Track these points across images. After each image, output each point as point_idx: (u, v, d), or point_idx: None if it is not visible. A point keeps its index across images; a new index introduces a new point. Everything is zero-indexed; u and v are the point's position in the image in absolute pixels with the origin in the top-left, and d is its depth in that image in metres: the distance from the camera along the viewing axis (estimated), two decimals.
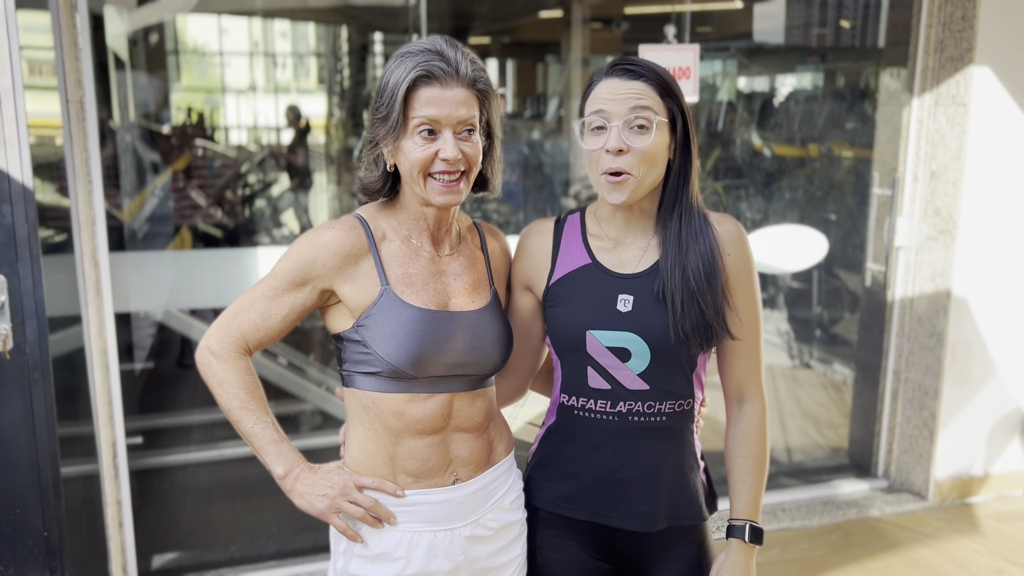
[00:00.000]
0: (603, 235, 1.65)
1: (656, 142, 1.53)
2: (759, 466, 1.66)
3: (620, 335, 1.58)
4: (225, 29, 7.17)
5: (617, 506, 1.63)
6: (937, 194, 3.58)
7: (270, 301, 1.53)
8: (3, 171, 2.07)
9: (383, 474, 1.55)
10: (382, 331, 1.50)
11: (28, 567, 2.22)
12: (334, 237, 1.51)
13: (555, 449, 1.69)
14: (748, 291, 1.63)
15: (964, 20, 3.39)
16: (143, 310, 3.73)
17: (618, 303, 1.59)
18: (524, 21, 6.76)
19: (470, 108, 1.49)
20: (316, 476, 1.54)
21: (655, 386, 1.59)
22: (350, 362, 1.55)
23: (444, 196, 1.49)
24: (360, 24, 6.48)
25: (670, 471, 1.64)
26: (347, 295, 1.52)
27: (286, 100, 7.59)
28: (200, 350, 1.56)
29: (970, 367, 3.65)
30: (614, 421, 1.61)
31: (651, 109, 1.52)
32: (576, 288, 1.63)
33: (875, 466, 3.95)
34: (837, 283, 4.42)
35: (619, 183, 1.53)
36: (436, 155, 1.47)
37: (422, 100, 1.46)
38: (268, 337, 1.54)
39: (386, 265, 1.53)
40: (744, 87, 5.18)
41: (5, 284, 2.11)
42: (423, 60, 1.46)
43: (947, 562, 3.29)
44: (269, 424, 1.54)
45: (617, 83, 1.53)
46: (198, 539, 3.40)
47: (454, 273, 1.60)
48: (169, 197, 4.37)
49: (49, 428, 2.19)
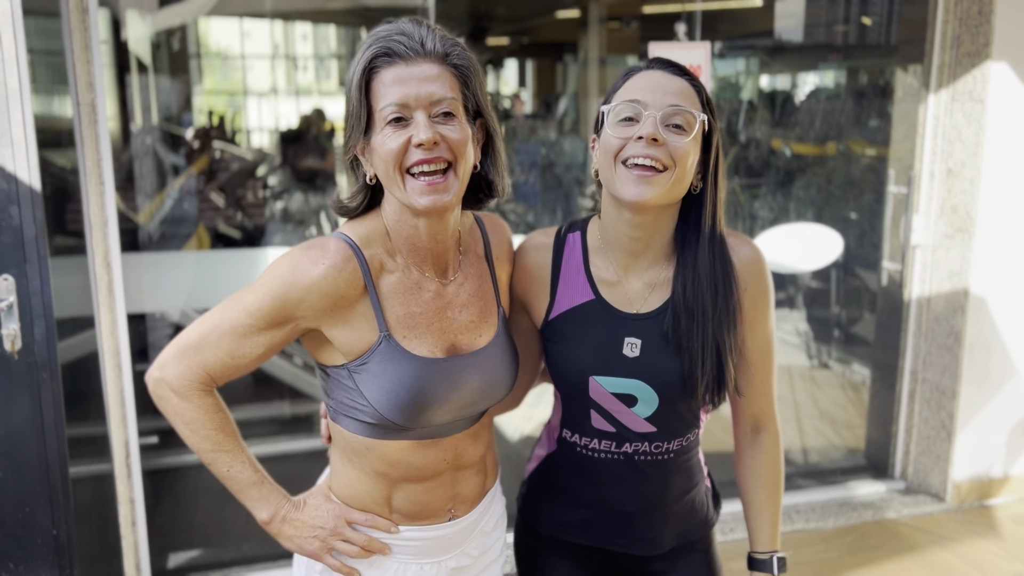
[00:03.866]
0: (607, 264, 1.48)
1: (691, 147, 1.36)
2: (777, 494, 1.59)
3: (626, 382, 1.44)
4: (247, 32, 7.23)
5: (624, 534, 1.56)
6: (954, 191, 3.53)
7: (241, 339, 1.30)
8: (11, 173, 2.09)
9: (378, 513, 1.42)
10: (380, 383, 1.30)
11: (38, 565, 2.24)
12: (324, 276, 1.26)
13: (556, 479, 1.60)
14: (765, 326, 1.51)
15: (980, 15, 3.34)
16: (158, 311, 3.76)
17: (624, 347, 1.44)
18: (541, 21, 6.76)
19: (444, 85, 1.25)
20: (303, 515, 1.40)
21: (663, 428, 1.48)
22: (337, 401, 1.37)
23: (428, 196, 1.24)
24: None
25: (675, 497, 1.57)
26: (338, 338, 1.31)
27: (308, 102, 7.64)
28: (155, 381, 1.34)
29: (989, 367, 3.60)
30: (619, 460, 1.51)
31: (691, 113, 1.36)
32: (578, 327, 1.47)
33: (892, 467, 3.90)
34: (854, 282, 4.37)
35: (650, 177, 1.33)
36: (409, 143, 1.24)
37: (385, 83, 1.24)
38: (237, 374, 1.34)
39: (385, 304, 1.31)
40: (764, 85, 5.14)
41: (14, 285, 2.13)
42: (377, 39, 1.26)
43: (965, 565, 3.24)
44: (247, 464, 1.38)
45: (659, 76, 1.38)
46: (211, 538, 3.42)
47: (460, 305, 1.39)
48: (185, 198, 4.41)
49: (57, 428, 2.21)
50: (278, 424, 4.06)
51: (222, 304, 1.32)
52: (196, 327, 1.33)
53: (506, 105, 7.42)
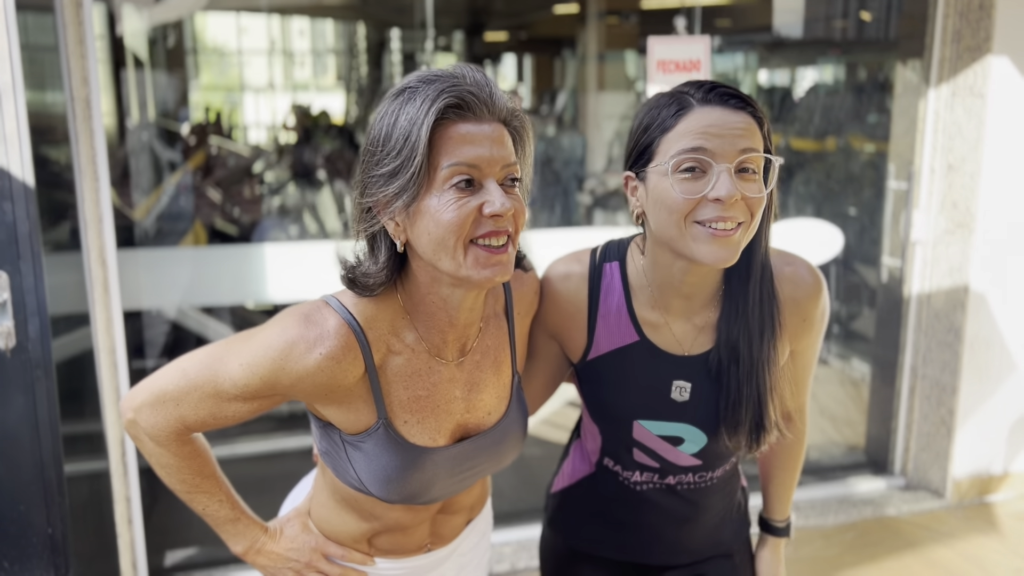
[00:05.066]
0: (651, 304, 1.36)
1: (763, 191, 1.23)
2: (796, 472, 1.65)
3: (674, 426, 1.37)
4: (244, 28, 7.20)
5: (659, 550, 1.55)
6: (954, 187, 3.52)
7: (224, 403, 1.20)
8: (3, 169, 2.07)
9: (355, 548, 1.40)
10: (373, 465, 1.22)
11: (33, 564, 2.22)
12: (319, 367, 1.14)
13: (592, 497, 1.55)
14: (814, 348, 1.44)
15: (981, 9, 3.32)
16: (154, 308, 3.74)
17: (673, 391, 1.35)
18: (540, 16, 6.74)
19: (511, 149, 1.13)
20: (279, 547, 1.39)
21: (708, 461, 1.43)
22: (328, 454, 1.29)
23: (492, 269, 1.10)
24: (376, 21, 6.49)
25: (715, 512, 1.55)
26: (333, 416, 1.23)
27: (305, 98, 7.61)
28: (130, 423, 1.26)
29: (989, 363, 3.59)
30: (661, 490, 1.47)
31: (758, 151, 1.22)
32: (621, 370, 1.37)
33: (892, 464, 3.89)
34: (854, 278, 4.36)
35: (728, 237, 1.20)
36: (479, 212, 1.09)
37: (454, 140, 1.07)
38: (216, 428, 1.26)
39: (386, 388, 1.20)
40: (763, 81, 5.12)
41: (7, 282, 2.11)
42: (448, 87, 1.07)
43: (965, 562, 3.23)
44: (224, 503, 1.35)
45: (723, 114, 1.21)
46: (208, 536, 3.39)
47: (474, 383, 1.28)
48: (181, 195, 4.39)
49: (52, 425, 2.19)
50: (275, 421, 4.05)
51: (206, 356, 1.22)
52: (176, 378, 1.22)
53: None
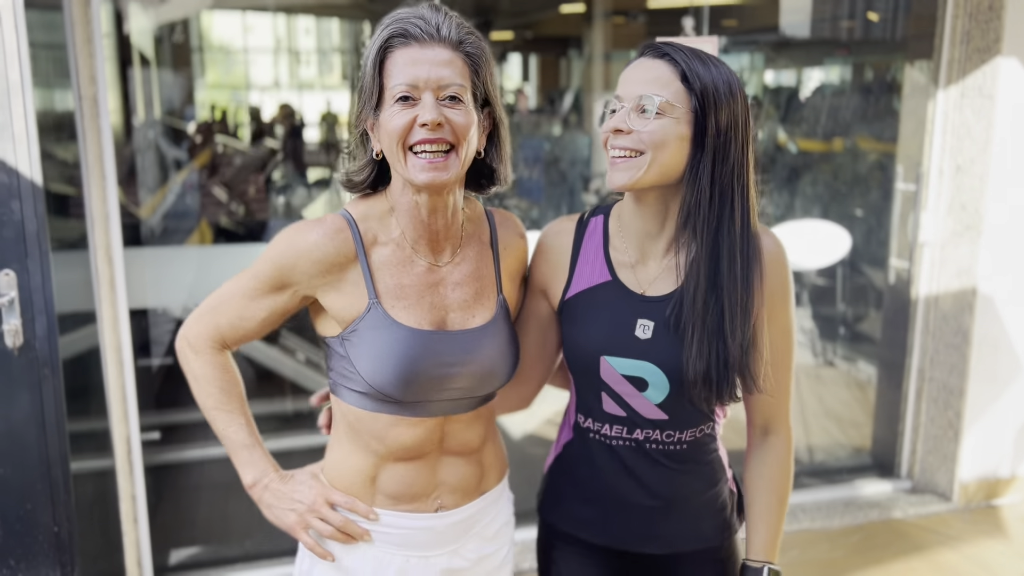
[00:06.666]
0: (627, 247, 1.48)
1: (657, 127, 1.33)
2: (782, 504, 1.53)
3: (637, 364, 1.43)
4: (250, 26, 7.20)
5: (636, 532, 1.54)
6: (963, 189, 3.50)
7: (249, 301, 1.42)
8: (12, 167, 2.07)
9: (361, 493, 1.45)
10: (367, 351, 1.36)
11: (39, 562, 2.22)
12: (316, 243, 1.36)
13: (572, 468, 1.59)
14: (783, 320, 1.47)
15: (991, 10, 3.31)
16: (160, 306, 3.74)
17: (637, 328, 1.43)
18: (546, 16, 6.73)
19: (454, 71, 1.30)
20: (286, 488, 1.45)
21: (674, 416, 1.46)
22: (335, 372, 1.44)
23: (427, 172, 1.29)
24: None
25: (692, 494, 1.54)
26: (331, 305, 1.39)
27: (311, 96, 7.61)
28: (178, 338, 1.48)
29: (996, 366, 3.57)
30: (630, 447, 1.50)
31: (662, 93, 1.33)
32: (593, 307, 1.47)
33: (898, 466, 3.87)
34: (861, 280, 4.34)
35: (619, 163, 1.36)
36: (414, 122, 1.28)
37: (398, 63, 1.29)
38: (246, 336, 1.45)
39: (375, 274, 1.38)
40: (770, 81, 5.11)
41: (15, 280, 2.11)
42: (396, 20, 1.31)
43: (972, 565, 3.22)
44: (243, 426, 1.47)
45: (639, 65, 1.38)
46: (214, 534, 3.41)
47: (454, 283, 1.43)
48: (187, 193, 4.39)
49: (59, 424, 2.19)
50: (280, 420, 4.04)
51: (239, 273, 1.45)
52: (215, 293, 1.46)
53: (510, 100, 7.39)
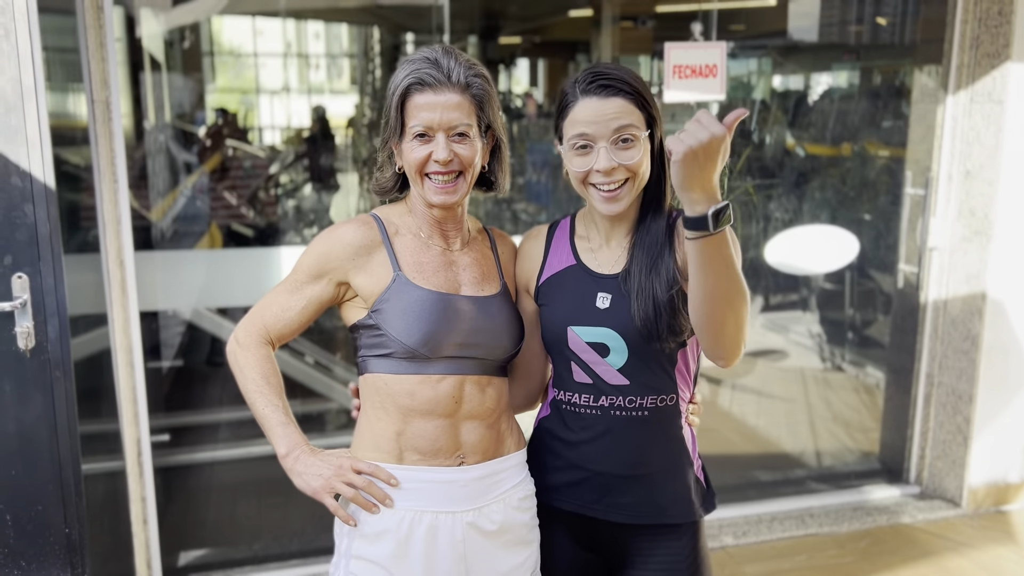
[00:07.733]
0: (590, 237, 1.72)
1: (642, 155, 1.57)
2: None
3: (598, 331, 1.63)
4: (260, 31, 7.22)
5: (601, 498, 1.68)
6: (972, 194, 3.50)
7: (290, 294, 1.66)
8: (25, 171, 2.09)
9: (390, 449, 1.61)
10: (395, 312, 1.59)
11: (50, 563, 2.24)
12: (348, 231, 1.63)
13: (545, 441, 1.76)
14: None
15: (1001, 15, 3.31)
16: (171, 309, 3.76)
17: (597, 300, 1.65)
18: (554, 20, 6.74)
19: (462, 113, 1.57)
20: (316, 458, 1.60)
21: (635, 381, 1.64)
22: (365, 348, 1.65)
23: (439, 195, 1.60)
24: (391, 25, 6.50)
25: (656, 466, 1.68)
26: (361, 285, 1.62)
27: (320, 101, 7.63)
28: (229, 342, 1.70)
29: (1006, 371, 3.57)
30: (597, 415, 1.67)
31: (634, 125, 1.55)
32: (561, 287, 1.70)
33: (907, 472, 3.87)
34: (869, 285, 4.34)
35: (614, 196, 1.58)
36: (430, 157, 1.57)
37: (416, 106, 1.57)
38: (288, 329, 1.67)
39: (398, 254, 1.64)
40: (778, 85, 5.11)
41: (28, 283, 2.13)
42: (416, 68, 1.57)
43: (981, 571, 3.21)
44: (280, 408, 1.63)
45: (596, 103, 1.55)
46: (223, 536, 3.42)
47: (464, 265, 1.69)
48: (197, 197, 4.41)
49: (70, 426, 2.20)
50: None
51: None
52: (265, 296, 1.70)
53: (518, 104, 7.40)
